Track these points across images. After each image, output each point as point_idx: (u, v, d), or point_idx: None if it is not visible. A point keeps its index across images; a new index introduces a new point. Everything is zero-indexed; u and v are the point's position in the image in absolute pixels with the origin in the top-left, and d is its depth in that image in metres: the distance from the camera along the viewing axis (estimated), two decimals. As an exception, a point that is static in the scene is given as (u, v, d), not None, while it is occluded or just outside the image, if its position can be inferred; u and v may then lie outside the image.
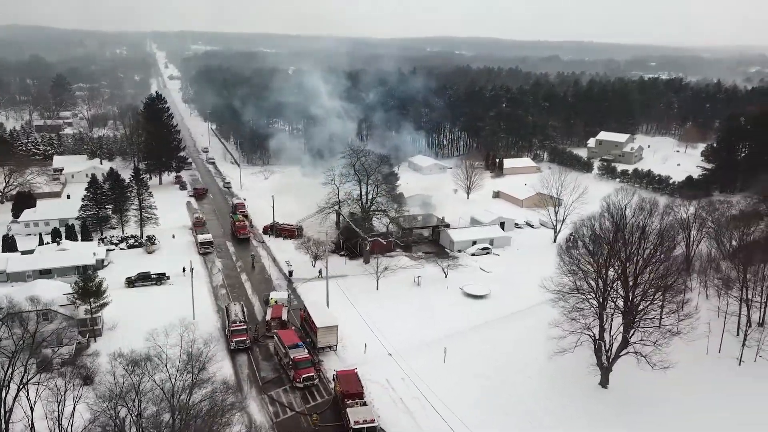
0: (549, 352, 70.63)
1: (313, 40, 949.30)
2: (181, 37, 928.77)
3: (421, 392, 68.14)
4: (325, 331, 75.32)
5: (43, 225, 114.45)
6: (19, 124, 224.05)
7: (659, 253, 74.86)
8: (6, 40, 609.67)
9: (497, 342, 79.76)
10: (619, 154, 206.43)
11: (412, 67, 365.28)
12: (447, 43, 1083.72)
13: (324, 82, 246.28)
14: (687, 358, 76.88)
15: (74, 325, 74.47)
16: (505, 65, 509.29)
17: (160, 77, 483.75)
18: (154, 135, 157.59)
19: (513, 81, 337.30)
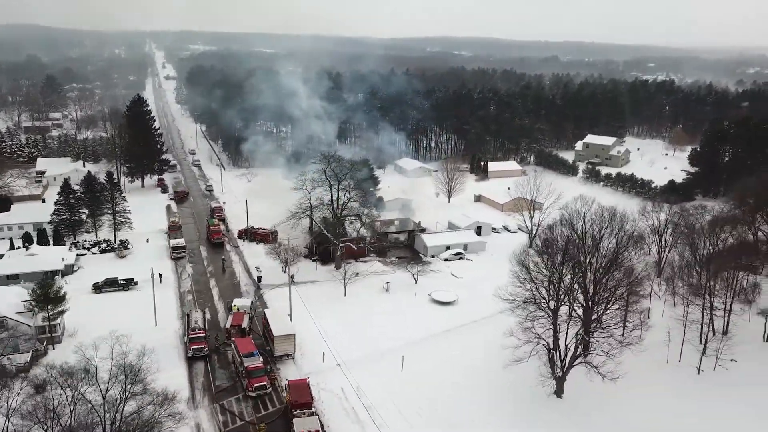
0: (505, 361, 70.54)
1: (312, 39, 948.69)
2: (180, 36, 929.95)
3: (374, 402, 68.14)
4: (281, 340, 75.24)
5: (17, 229, 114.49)
6: (7, 125, 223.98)
7: (612, 263, 75.02)
8: (5, 40, 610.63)
9: (456, 350, 79.61)
10: (606, 158, 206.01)
11: (406, 68, 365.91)
12: (447, 44, 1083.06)
13: (313, 83, 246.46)
14: (646, 367, 76.81)
15: (31, 332, 74.42)
16: (503, 66, 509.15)
17: (156, 77, 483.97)
18: (136, 138, 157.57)
19: (506, 83, 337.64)
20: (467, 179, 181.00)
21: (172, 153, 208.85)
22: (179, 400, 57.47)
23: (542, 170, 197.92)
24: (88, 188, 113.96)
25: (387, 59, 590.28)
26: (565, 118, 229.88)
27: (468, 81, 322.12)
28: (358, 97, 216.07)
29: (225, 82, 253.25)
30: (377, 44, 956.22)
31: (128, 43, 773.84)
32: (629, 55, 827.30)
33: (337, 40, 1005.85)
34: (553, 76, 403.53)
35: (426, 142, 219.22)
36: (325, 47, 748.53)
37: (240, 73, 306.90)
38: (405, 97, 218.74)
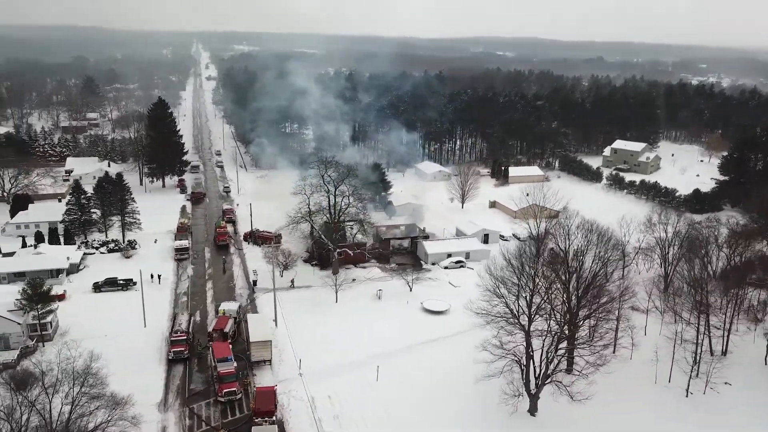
0: (478, 375, 69.34)
1: (355, 40, 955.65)
2: (226, 37, 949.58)
3: (342, 412, 68.00)
4: (258, 346, 75.91)
5: (34, 227, 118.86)
6: (42, 125, 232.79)
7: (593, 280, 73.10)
8: (58, 41, 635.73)
9: (436, 361, 78.67)
10: (635, 164, 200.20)
11: (439, 70, 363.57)
12: (491, 44, 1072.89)
13: (340, 85, 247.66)
14: (632, 386, 74.50)
15: (20, 330, 77.25)
16: (544, 67, 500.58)
17: (198, 78, 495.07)
18: (157, 139, 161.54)
19: (540, 85, 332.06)
20: (487, 184, 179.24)
21: (198, 154, 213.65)
22: (134, 404, 58.24)
23: (566, 176, 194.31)
24: (97, 189, 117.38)
25: (424, 60, 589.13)
26: (594, 122, 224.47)
27: (500, 83, 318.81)
28: (381, 100, 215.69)
29: (254, 83, 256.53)
30: (419, 45, 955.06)
31: (175, 44, 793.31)
32: (680, 56, 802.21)
33: (381, 40, 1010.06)
34: (592, 78, 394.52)
35: (449, 146, 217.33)
36: (366, 48, 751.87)
37: (271, 74, 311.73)
38: (430, 100, 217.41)
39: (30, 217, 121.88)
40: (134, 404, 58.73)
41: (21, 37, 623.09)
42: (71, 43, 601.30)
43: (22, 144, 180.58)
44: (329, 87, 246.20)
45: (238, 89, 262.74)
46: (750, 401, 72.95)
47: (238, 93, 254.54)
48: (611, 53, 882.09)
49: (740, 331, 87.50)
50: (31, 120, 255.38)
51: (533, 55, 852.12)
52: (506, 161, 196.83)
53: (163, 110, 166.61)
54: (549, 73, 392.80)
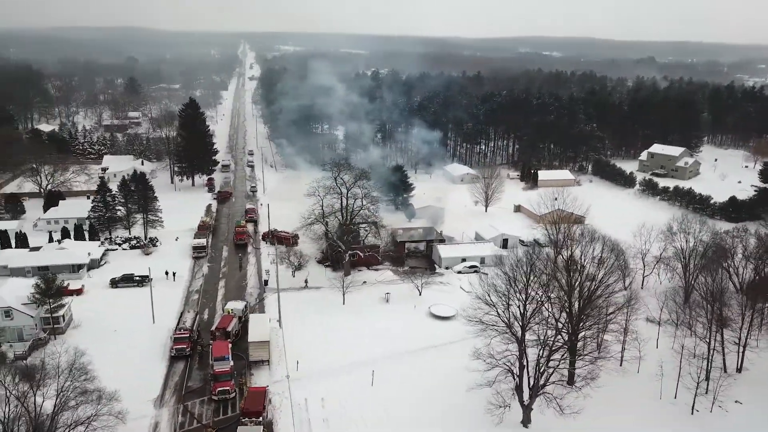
0: (471, 383, 68.41)
1: (402, 41, 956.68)
2: (273, 38, 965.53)
3: (332, 415, 68.16)
4: (256, 346, 76.81)
5: (63, 223, 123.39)
6: (82, 123, 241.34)
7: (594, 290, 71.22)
8: (112, 41, 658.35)
9: (433, 368, 77.98)
10: (672, 169, 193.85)
11: (478, 70, 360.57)
12: (539, 44, 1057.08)
13: (377, 86, 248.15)
14: (636, 401, 72.20)
15: (33, 322, 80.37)
16: (591, 68, 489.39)
17: (241, 78, 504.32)
18: (187, 139, 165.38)
19: (582, 86, 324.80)
20: (516, 188, 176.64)
21: (231, 153, 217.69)
22: (120, 399, 59.65)
23: (598, 180, 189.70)
24: (121, 187, 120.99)
25: (466, 60, 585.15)
26: (632, 125, 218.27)
27: (539, 84, 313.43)
28: (412, 101, 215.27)
29: (289, 83, 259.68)
30: (465, 45, 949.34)
31: (223, 45, 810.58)
32: (738, 56, 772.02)
33: (427, 40, 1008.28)
34: (637, 79, 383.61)
35: (480, 148, 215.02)
36: (410, 49, 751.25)
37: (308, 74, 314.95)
38: (462, 102, 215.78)
39: (59, 213, 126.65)
40: (122, 400, 59.94)
41: (79, 38, 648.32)
42: (126, 44, 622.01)
43: (62, 142, 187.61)
44: (364, 87, 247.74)
45: (273, 89, 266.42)
46: (761, 422, 69.68)
47: (273, 93, 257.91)
48: (665, 53, 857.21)
49: (761, 347, 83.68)
50: (78, 118, 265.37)
51: (581, 55, 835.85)
52: (537, 164, 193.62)
53: (194, 110, 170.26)
54: (592, 74, 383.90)
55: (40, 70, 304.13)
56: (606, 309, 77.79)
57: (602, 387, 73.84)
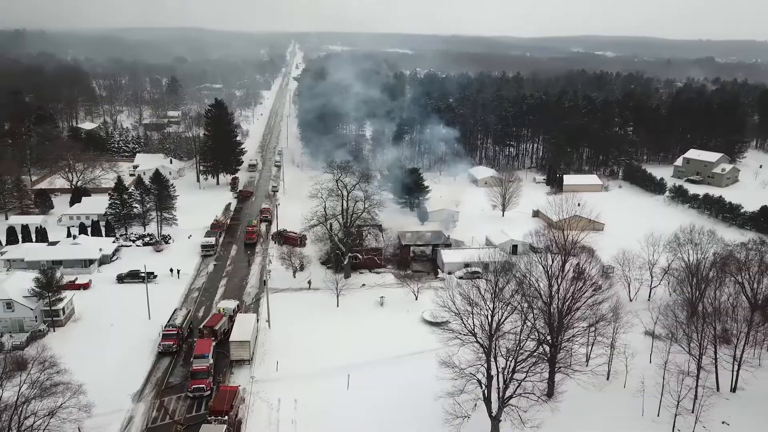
0: (442, 392, 67.74)
1: (450, 40, 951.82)
2: (323, 37, 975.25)
3: (302, 417, 68.79)
4: (236, 345, 78.20)
5: (84, 219, 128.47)
6: (118, 122, 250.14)
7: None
8: (169, 42, 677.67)
9: (411, 374, 77.43)
10: (708, 175, 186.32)
11: (517, 71, 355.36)
12: (593, 43, 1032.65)
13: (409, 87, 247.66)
14: (614, 416, 70.11)
15: (34, 315, 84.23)
16: (642, 68, 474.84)
17: (286, 78, 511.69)
18: (213, 138, 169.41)
19: (626, 88, 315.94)
20: (540, 192, 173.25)
21: (261, 153, 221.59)
22: (84, 392, 61.73)
23: (628, 186, 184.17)
24: (137, 185, 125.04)
25: (512, 60, 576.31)
26: (670, 129, 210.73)
27: (581, 85, 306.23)
28: (441, 102, 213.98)
29: (324, 83, 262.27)
30: (515, 45, 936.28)
31: (274, 45, 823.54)
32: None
33: (477, 40, 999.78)
34: (687, 80, 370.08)
35: (508, 151, 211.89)
36: (458, 48, 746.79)
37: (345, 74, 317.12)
38: (493, 104, 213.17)
39: (81, 209, 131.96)
40: (87, 392, 61.94)
41: (137, 40, 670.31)
42: (181, 45, 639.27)
43: (99, 140, 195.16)
44: (397, 88, 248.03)
45: (308, 89, 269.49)
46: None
47: (308, 93, 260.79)
48: (727, 53, 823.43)
49: (764, 366, 79.90)
50: (121, 117, 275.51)
51: (636, 55, 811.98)
52: (565, 168, 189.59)
53: (221, 111, 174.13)
54: (638, 75, 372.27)
55: (87, 70, 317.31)
56: (592, 321, 75.97)
57: (583, 401, 72.30)
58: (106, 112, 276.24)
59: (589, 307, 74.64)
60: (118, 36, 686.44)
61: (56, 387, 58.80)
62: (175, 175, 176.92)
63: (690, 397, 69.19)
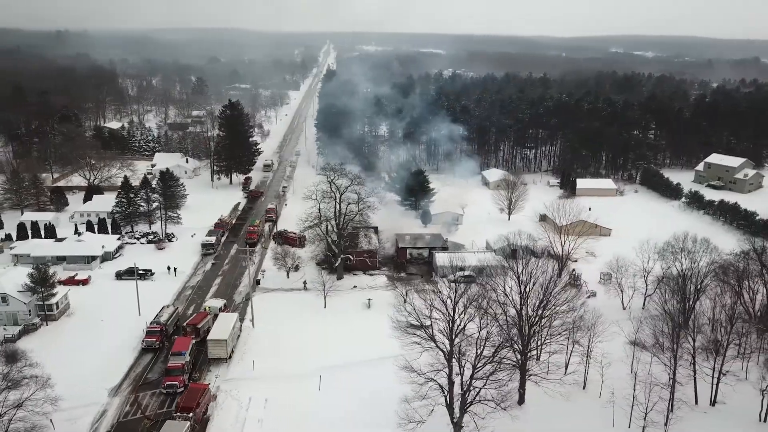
0: (406, 395, 67.83)
1: (486, 40, 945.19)
2: (358, 37, 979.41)
3: (269, 416, 69.90)
4: (214, 344, 79.84)
5: (94, 216, 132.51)
6: (141, 121, 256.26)
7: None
8: (206, 42, 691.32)
9: (385, 377, 77.43)
10: (730, 181, 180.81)
11: (543, 72, 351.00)
12: (633, 43, 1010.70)
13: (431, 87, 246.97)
14: (583, 426, 68.92)
15: (28, 309, 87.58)
16: (681, 69, 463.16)
17: (316, 78, 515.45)
18: (227, 139, 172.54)
19: (657, 90, 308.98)
20: (552, 195, 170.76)
21: (279, 153, 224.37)
22: (52, 385, 63.94)
23: (645, 191, 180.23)
24: (143, 184, 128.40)
25: (546, 61, 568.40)
26: (693, 132, 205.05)
27: (609, 87, 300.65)
28: (458, 104, 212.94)
29: (347, 84, 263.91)
30: (553, 44, 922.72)
31: (309, 45, 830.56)
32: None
33: (512, 40, 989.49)
34: (723, 81, 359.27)
35: (524, 153, 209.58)
36: (493, 48, 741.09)
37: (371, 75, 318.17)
38: (511, 106, 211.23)
39: (92, 206, 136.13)
40: (54, 386, 64.13)
41: (173, 39, 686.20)
42: (215, 45, 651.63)
43: (121, 139, 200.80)
44: (415, 89, 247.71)
45: (328, 90, 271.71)
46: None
47: (327, 94, 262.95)
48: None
49: (749, 381, 77.50)
50: (149, 116, 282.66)
51: (677, 55, 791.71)
52: (582, 172, 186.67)
53: (234, 111, 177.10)
54: (671, 77, 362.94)
55: (121, 69, 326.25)
56: (563, 329, 75.14)
57: (551, 409, 71.52)
58: (134, 111, 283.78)
59: (560, 314, 73.72)
60: (157, 36, 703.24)
61: (26, 380, 61.06)
62: (191, 174, 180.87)
63: (658, 409, 67.63)
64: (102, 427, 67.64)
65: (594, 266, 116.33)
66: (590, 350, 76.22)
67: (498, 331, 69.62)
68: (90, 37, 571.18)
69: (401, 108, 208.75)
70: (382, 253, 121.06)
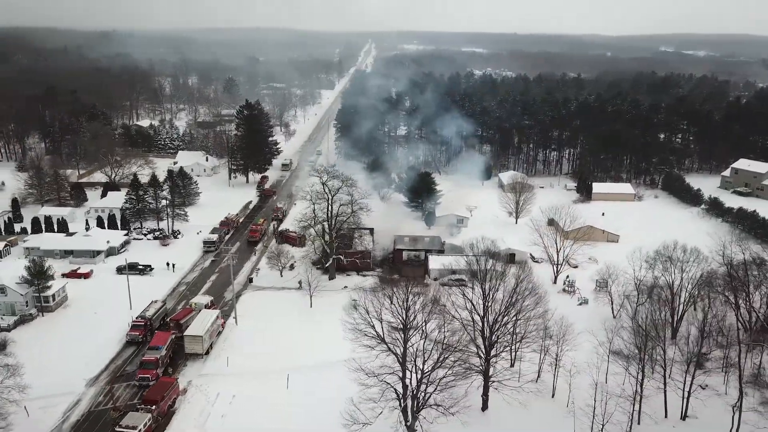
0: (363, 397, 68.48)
1: (527, 39, 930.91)
2: (401, 36, 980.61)
3: (231, 412, 71.68)
4: (190, 340, 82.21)
5: (108, 212, 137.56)
6: (169, 120, 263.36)
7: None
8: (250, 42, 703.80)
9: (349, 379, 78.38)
10: (758, 188, 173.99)
11: (578, 72, 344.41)
12: (685, 42, 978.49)
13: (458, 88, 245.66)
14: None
15: (25, 300, 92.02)
16: (733, 69, 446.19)
17: (352, 77, 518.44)
18: (244, 138, 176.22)
19: (697, 90, 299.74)
20: (567, 199, 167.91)
21: (301, 152, 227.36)
22: (21, 374, 67.25)
23: (665, 197, 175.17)
24: (151, 182, 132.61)
25: (587, 60, 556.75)
26: (724, 136, 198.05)
27: (645, 88, 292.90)
28: (477, 105, 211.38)
29: (373, 83, 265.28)
30: (599, 43, 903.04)
31: (351, 44, 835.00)
32: None
33: (557, 38, 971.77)
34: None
35: (544, 155, 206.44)
36: (532, 48, 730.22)
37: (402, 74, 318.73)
38: (533, 107, 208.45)
39: (107, 203, 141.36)
40: (23, 375, 67.43)
41: (216, 39, 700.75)
42: (257, 45, 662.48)
43: (147, 137, 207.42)
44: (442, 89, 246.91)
45: (356, 90, 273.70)
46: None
47: (355, 93, 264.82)
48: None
49: (730, 395, 75.15)
50: (181, 115, 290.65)
51: (730, 54, 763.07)
52: (602, 176, 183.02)
53: (251, 111, 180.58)
54: (713, 77, 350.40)
55: (158, 69, 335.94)
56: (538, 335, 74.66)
57: (510, 416, 71.02)
58: (168, 110, 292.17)
59: (525, 321, 73.22)
60: (201, 37, 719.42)
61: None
62: (209, 172, 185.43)
63: (622, 420, 66.40)
64: (73, 416, 70.72)
65: (593, 273, 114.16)
66: (559, 358, 75.29)
67: (460, 337, 69.77)
68: (135, 37, 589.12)
69: (417, 108, 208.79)
70: (382, 254, 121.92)
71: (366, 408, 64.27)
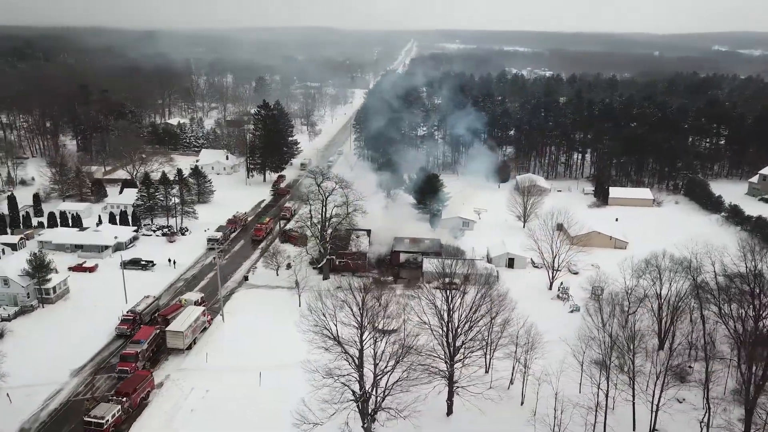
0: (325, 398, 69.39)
1: (573, 38, 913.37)
2: (444, 35, 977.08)
3: (201, 407, 73.79)
4: (171, 335, 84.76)
5: (122, 208, 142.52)
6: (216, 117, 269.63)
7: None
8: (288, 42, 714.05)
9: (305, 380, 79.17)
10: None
11: (613, 73, 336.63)
12: (741, 40, 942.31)
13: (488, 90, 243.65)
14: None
15: (26, 291, 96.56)
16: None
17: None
18: (260, 138, 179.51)
19: (734, 91, 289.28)
20: (582, 204, 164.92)
21: (323, 152, 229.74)
22: (0, 363, 70.84)
23: (686, 203, 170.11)
24: (161, 180, 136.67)
25: (631, 60, 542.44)
26: (755, 141, 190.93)
27: (682, 90, 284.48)
28: (499, 108, 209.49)
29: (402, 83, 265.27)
30: (647, 43, 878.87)
31: (392, 43, 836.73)
32: None
33: (604, 37, 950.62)
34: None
35: (566, 158, 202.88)
36: (576, 48, 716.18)
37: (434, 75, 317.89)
38: (555, 109, 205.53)
39: (120, 199, 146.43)
40: (1, 363, 71.03)
41: (255, 39, 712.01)
42: (298, 44, 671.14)
43: (173, 135, 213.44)
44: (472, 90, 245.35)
45: (382, 90, 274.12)
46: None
47: (380, 93, 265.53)
48: None
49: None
50: (212, 113, 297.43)
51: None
52: (619, 179, 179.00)
53: (269, 111, 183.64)
54: (758, 79, 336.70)
55: (191, 68, 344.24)
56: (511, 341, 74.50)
57: (475, 423, 70.89)
58: (200, 108, 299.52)
59: (499, 327, 73.23)
60: (240, 36, 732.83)
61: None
62: (229, 170, 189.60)
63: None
64: (53, 404, 74.08)
65: (591, 280, 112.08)
66: (528, 366, 74.70)
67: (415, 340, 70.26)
68: (176, 36, 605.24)
69: (434, 108, 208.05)
70: (377, 255, 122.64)
71: (318, 408, 65.04)
